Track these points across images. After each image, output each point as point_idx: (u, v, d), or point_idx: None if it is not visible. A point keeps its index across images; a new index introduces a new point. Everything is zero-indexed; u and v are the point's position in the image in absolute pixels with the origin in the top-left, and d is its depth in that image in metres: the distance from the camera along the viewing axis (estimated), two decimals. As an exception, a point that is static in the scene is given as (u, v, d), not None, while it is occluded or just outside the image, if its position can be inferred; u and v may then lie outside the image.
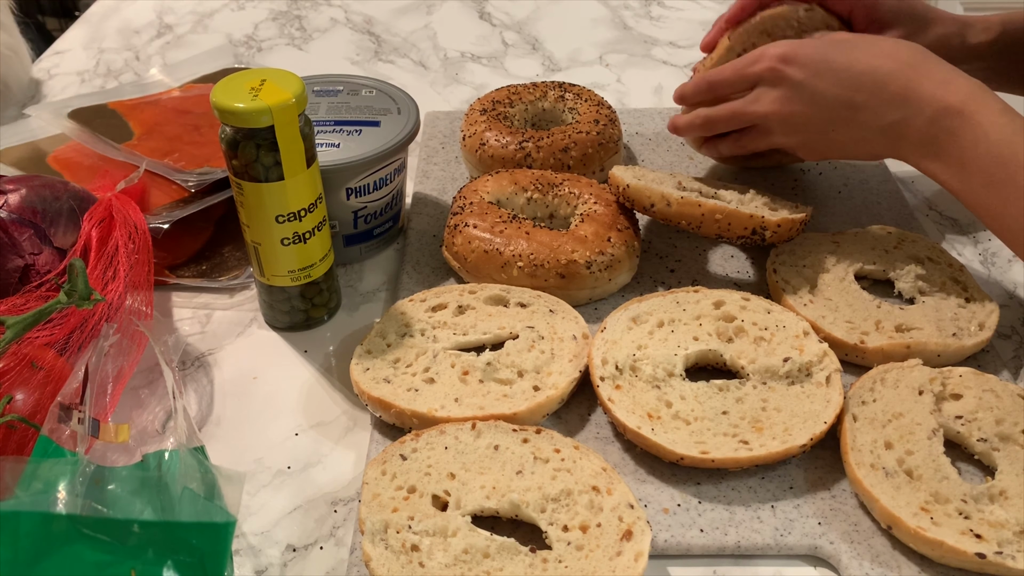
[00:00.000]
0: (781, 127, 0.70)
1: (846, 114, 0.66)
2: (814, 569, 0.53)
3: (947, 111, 0.61)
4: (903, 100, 0.63)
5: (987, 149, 0.59)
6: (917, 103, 0.62)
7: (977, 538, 0.50)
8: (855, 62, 0.65)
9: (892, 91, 0.63)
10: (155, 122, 0.84)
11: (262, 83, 0.59)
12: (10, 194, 0.66)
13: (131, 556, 0.44)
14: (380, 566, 0.49)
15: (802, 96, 0.67)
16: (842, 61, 0.65)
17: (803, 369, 0.60)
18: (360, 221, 0.74)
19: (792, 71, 0.66)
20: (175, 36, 1.17)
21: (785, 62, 0.67)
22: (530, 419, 0.59)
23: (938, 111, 0.61)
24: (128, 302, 0.64)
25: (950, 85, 0.62)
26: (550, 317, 0.66)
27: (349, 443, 0.61)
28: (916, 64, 0.63)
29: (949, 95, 0.61)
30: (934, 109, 0.62)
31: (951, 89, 0.61)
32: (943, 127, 0.61)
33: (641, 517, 0.51)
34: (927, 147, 0.63)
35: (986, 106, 0.60)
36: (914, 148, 0.64)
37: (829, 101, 0.66)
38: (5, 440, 0.53)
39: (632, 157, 0.89)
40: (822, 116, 0.67)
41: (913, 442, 0.56)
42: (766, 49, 0.68)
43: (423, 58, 1.11)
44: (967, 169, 0.61)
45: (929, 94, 0.62)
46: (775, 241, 0.69)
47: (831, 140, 0.68)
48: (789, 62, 0.66)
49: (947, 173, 0.62)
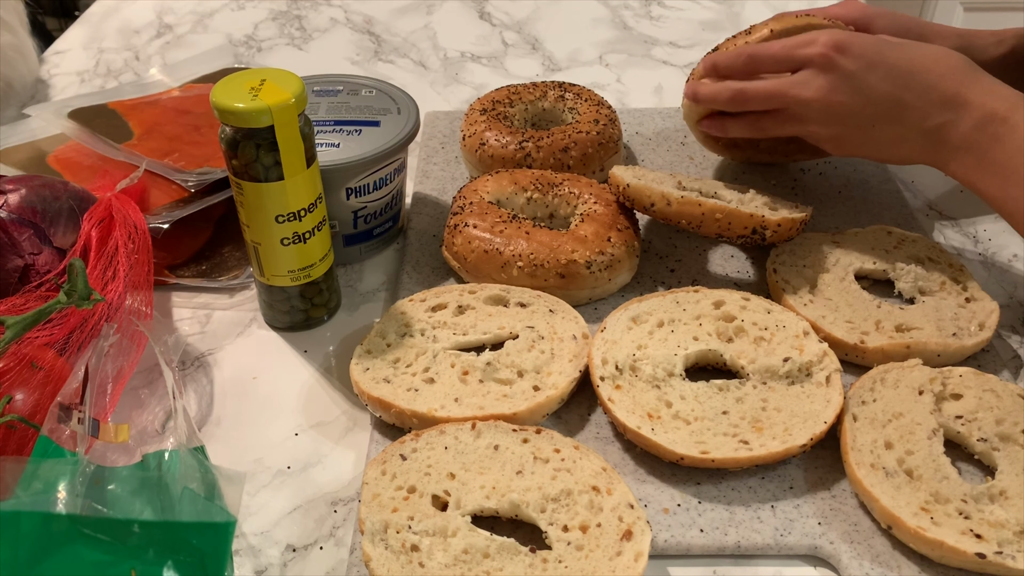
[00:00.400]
0: (821, 116, 0.68)
1: (893, 111, 0.65)
2: (814, 569, 0.53)
3: (993, 117, 0.61)
4: (951, 103, 0.63)
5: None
6: (965, 107, 0.63)
7: (977, 538, 0.50)
8: (909, 61, 0.64)
9: (942, 93, 0.63)
10: (155, 122, 0.84)
11: (262, 83, 0.59)
12: (10, 194, 0.66)
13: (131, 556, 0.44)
14: (380, 566, 0.49)
15: (852, 87, 0.66)
16: (895, 58, 0.65)
17: (803, 369, 0.60)
18: (360, 221, 0.74)
19: (845, 61, 0.65)
20: (175, 36, 1.17)
21: (839, 50, 0.65)
22: (530, 419, 0.59)
23: (984, 117, 0.62)
24: (128, 302, 0.64)
25: (996, 93, 0.62)
26: (550, 317, 0.66)
27: (349, 443, 0.61)
28: (965, 70, 0.64)
29: (996, 102, 0.62)
30: (981, 114, 0.62)
31: (998, 97, 0.62)
32: (988, 133, 0.62)
33: (641, 517, 0.51)
34: (968, 152, 0.63)
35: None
36: (954, 153, 0.64)
37: (878, 96, 0.65)
38: (5, 440, 0.53)
39: (632, 157, 0.89)
40: (868, 111, 0.66)
41: (913, 442, 0.56)
42: (819, 34, 0.67)
43: (423, 58, 1.11)
44: (1009, 177, 0.61)
45: (977, 100, 0.62)
46: (775, 241, 0.69)
47: (869, 136, 0.68)
48: (843, 51, 0.65)
49: (987, 180, 0.63)
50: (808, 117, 0.69)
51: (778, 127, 0.72)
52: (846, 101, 0.66)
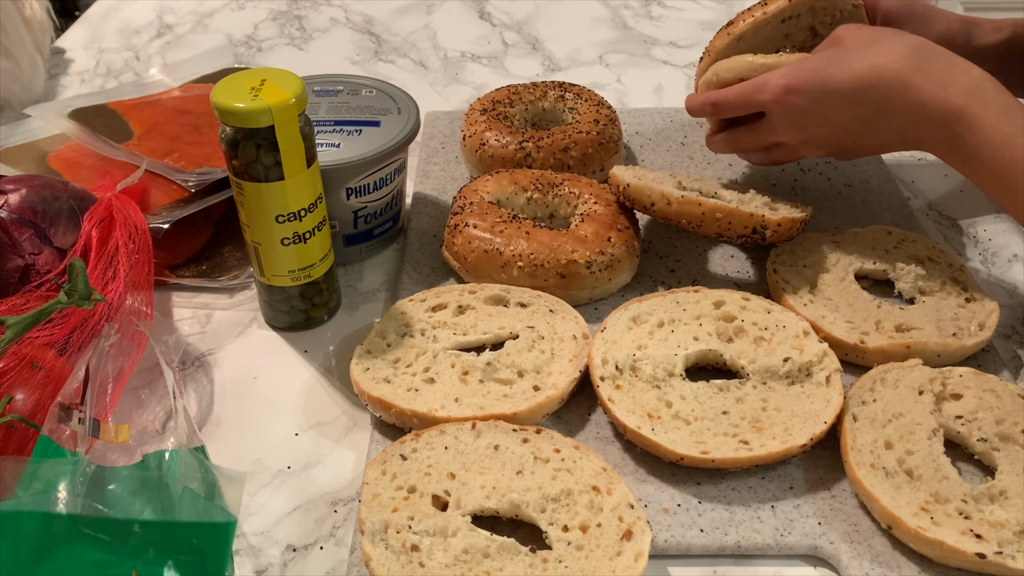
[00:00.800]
0: (806, 147, 0.70)
1: (861, 128, 0.66)
2: (814, 569, 0.53)
3: (950, 116, 0.61)
4: (908, 108, 0.63)
5: (990, 152, 0.59)
6: (922, 109, 0.62)
7: (977, 538, 0.50)
8: (854, 77, 0.64)
9: (896, 102, 0.63)
10: (155, 122, 0.84)
11: (262, 83, 0.59)
12: (10, 194, 0.66)
13: (132, 556, 0.44)
14: (380, 566, 0.49)
15: (815, 120, 0.67)
16: (840, 79, 0.64)
17: (803, 369, 0.60)
18: (360, 221, 0.74)
19: (797, 100, 0.66)
20: (175, 36, 1.17)
21: (789, 93, 0.66)
22: (530, 419, 0.59)
23: (943, 116, 0.61)
24: (128, 302, 0.64)
25: (950, 85, 0.61)
26: (550, 317, 0.66)
27: (349, 443, 0.61)
28: (915, 65, 0.63)
29: (950, 97, 0.61)
30: (940, 114, 0.61)
31: (952, 90, 0.61)
32: (951, 131, 0.61)
33: (641, 517, 0.51)
34: (942, 148, 0.63)
35: (986, 107, 0.60)
36: (932, 148, 0.64)
37: (841, 121, 0.66)
38: (5, 440, 0.53)
39: (632, 157, 0.89)
40: (840, 133, 0.67)
41: (913, 442, 0.56)
42: (768, 79, 0.67)
43: (423, 58, 1.11)
44: (978, 170, 0.61)
45: (931, 99, 0.62)
46: (775, 240, 0.69)
47: (859, 146, 0.69)
48: (793, 92, 0.66)
49: (966, 171, 0.63)
50: (798, 149, 0.71)
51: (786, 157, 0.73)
52: (817, 132, 0.68)
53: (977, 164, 0.61)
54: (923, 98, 0.62)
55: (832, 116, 0.66)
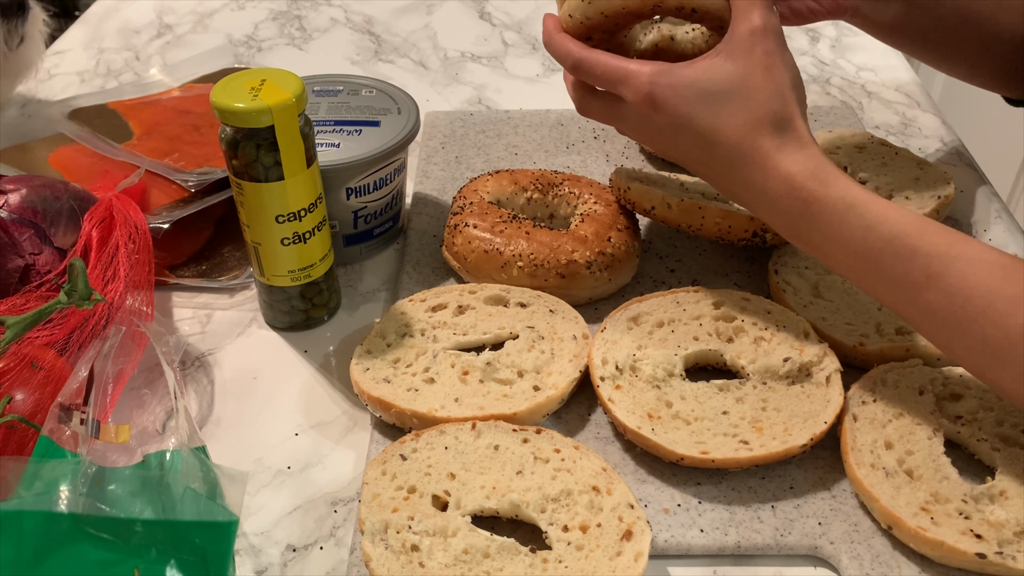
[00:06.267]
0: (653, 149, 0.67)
1: (703, 169, 0.62)
2: (814, 569, 0.53)
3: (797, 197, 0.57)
4: (755, 165, 0.58)
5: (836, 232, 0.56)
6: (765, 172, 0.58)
7: (977, 538, 0.50)
8: (713, 131, 0.59)
9: (744, 175, 0.59)
10: (155, 122, 0.84)
11: (262, 83, 0.59)
12: (10, 194, 0.66)
13: (134, 555, 0.44)
14: (380, 566, 0.49)
15: (663, 140, 0.62)
16: (703, 124, 0.59)
17: (803, 369, 0.60)
18: (360, 221, 0.74)
19: (657, 117, 0.60)
20: (175, 36, 1.17)
21: (652, 105, 0.60)
22: (530, 419, 0.59)
23: (790, 191, 0.57)
24: (129, 302, 0.64)
25: (801, 156, 0.57)
26: (550, 317, 0.66)
27: (349, 443, 0.61)
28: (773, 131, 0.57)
29: (796, 176, 0.56)
30: (785, 189, 0.57)
31: (801, 164, 0.57)
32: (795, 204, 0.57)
33: (641, 517, 0.51)
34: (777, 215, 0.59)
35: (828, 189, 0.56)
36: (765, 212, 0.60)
37: (686, 153, 0.62)
38: (5, 440, 0.53)
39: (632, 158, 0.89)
40: (682, 159, 0.63)
41: (913, 442, 0.56)
42: (638, 75, 0.60)
43: (423, 58, 1.11)
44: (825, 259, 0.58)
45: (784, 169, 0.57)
46: (776, 244, 0.69)
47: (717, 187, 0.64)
48: (656, 107, 0.60)
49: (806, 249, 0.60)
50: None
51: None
52: (667, 153, 0.64)
53: (822, 255, 0.57)
54: (768, 164, 0.57)
55: (678, 146, 0.61)
